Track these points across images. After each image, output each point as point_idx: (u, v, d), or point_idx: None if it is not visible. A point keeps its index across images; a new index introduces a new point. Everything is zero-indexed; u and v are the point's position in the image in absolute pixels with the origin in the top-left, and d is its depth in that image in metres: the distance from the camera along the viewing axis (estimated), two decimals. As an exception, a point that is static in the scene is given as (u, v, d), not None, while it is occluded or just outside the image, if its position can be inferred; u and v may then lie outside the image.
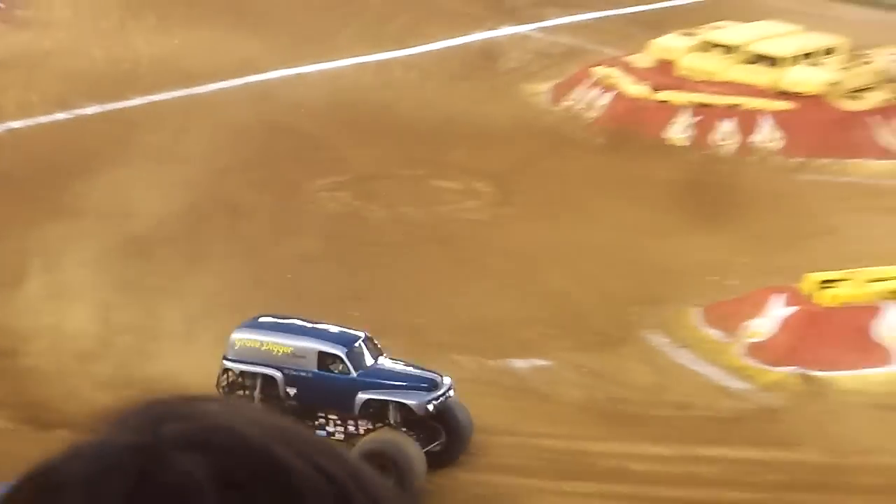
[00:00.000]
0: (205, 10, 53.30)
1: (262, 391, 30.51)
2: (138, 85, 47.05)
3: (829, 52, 47.41)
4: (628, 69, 48.01)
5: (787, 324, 34.44)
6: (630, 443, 30.83)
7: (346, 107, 46.47)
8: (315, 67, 49.33)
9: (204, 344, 32.84)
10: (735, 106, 46.02)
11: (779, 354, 33.92)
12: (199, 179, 40.85)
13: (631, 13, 54.18)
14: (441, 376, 30.28)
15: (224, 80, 47.65)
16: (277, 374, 30.55)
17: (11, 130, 44.32)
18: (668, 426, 31.55)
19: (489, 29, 53.33)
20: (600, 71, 48.37)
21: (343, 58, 50.02)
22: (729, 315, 35.36)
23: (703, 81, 46.94)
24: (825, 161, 44.75)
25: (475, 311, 35.24)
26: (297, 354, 30.61)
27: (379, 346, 31.19)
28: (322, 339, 30.82)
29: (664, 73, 47.37)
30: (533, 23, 54.14)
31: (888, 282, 34.92)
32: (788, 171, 44.45)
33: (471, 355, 33.54)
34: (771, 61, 46.78)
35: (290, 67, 48.95)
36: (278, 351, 30.58)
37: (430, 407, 29.44)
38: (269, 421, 2.15)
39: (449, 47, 52.09)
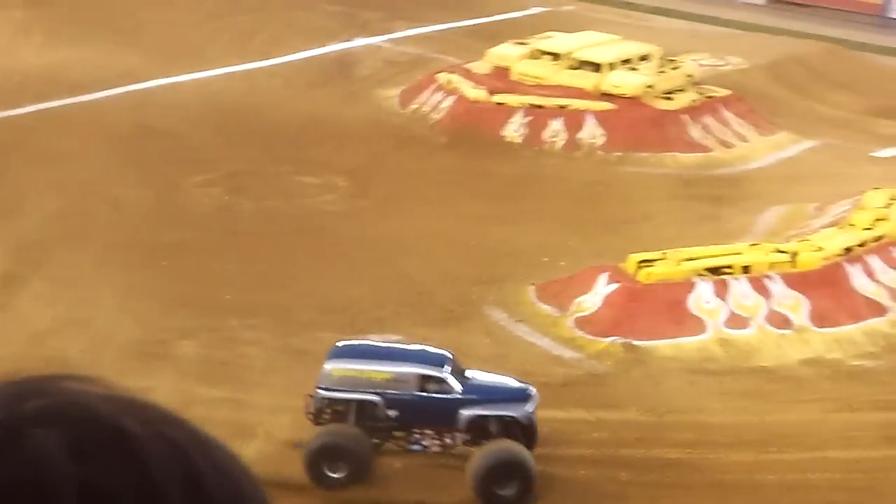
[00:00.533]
0: (88, 28, 52.99)
1: (357, 415, 29.33)
2: (28, 94, 47.06)
3: (644, 58, 48.79)
4: (468, 75, 48.85)
5: (611, 299, 35.35)
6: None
7: (216, 112, 46.88)
8: (188, 77, 49.57)
9: (94, 324, 33.72)
10: (563, 107, 47.06)
11: (604, 326, 34.79)
12: (85, 179, 41.25)
13: (469, 25, 54.98)
14: (528, 384, 29.87)
15: (106, 89, 47.71)
16: (377, 399, 29.46)
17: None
18: (505, 387, 32.27)
19: (344, 41, 54.00)
20: (443, 77, 49.23)
21: (213, 68, 50.46)
22: (560, 292, 36.18)
23: (534, 85, 47.83)
24: (642, 155, 46.03)
25: (335, 293, 35.79)
26: (398, 379, 29.48)
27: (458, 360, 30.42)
28: (421, 362, 29.83)
29: (500, 79, 48.25)
30: (383, 35, 54.87)
31: (699, 260, 35.89)
32: (610, 164, 45.54)
33: (332, 332, 33.21)
34: (593, 67, 47.86)
35: (165, 77, 49.14)
36: (378, 377, 29.48)
37: (533, 416, 29.14)
38: (120, 396, 2.20)
39: (308, 58, 52.56)
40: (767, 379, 33.76)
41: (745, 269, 36.22)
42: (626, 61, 48.60)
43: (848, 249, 37.27)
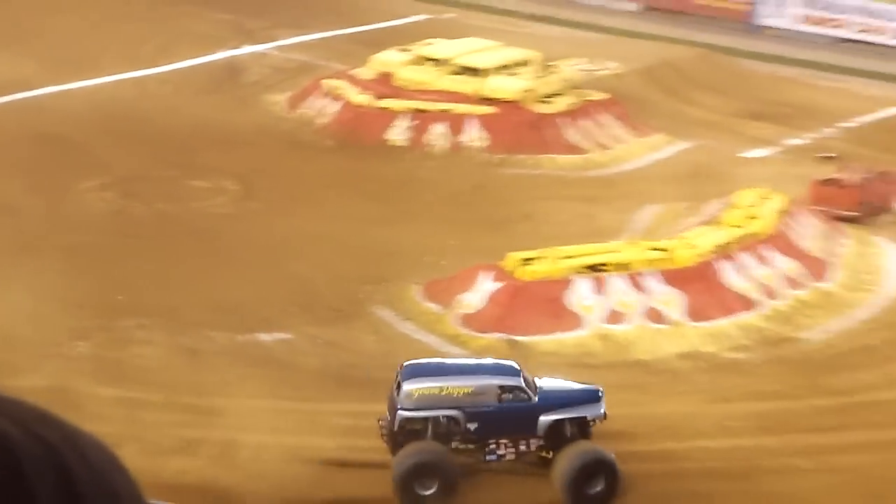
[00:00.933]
0: None
1: (434, 431, 28.74)
2: None
3: (523, 63, 48.95)
4: (353, 81, 48.88)
5: (493, 297, 35.40)
6: (360, 403, 31.02)
7: (108, 118, 46.52)
8: (81, 84, 49.17)
9: None
10: (445, 111, 47.14)
11: (487, 323, 34.92)
12: None
13: (354, 32, 55.00)
14: (597, 386, 29.72)
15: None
16: (458, 413, 28.94)
17: None
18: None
19: (232, 48, 53.93)
20: (329, 83, 49.24)
21: (105, 75, 50.10)
22: (444, 290, 36.21)
23: (417, 90, 47.87)
24: (522, 157, 46.12)
25: (225, 293, 35.64)
26: (478, 392, 29.01)
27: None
28: (497, 373, 29.58)
29: (384, 84, 48.23)
30: (269, 42, 54.88)
31: (577, 258, 36.01)
32: (491, 166, 45.65)
33: (222, 331, 33.87)
34: (474, 72, 48.03)
35: (58, 85, 48.79)
36: (459, 392, 29.00)
37: (605, 416, 29.01)
38: None
39: (197, 65, 52.40)
40: (645, 372, 34.04)
41: (623, 267, 36.37)
42: (505, 67, 48.82)
43: (720, 247, 37.60)
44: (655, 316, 35.69)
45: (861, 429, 31.57)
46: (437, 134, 47.02)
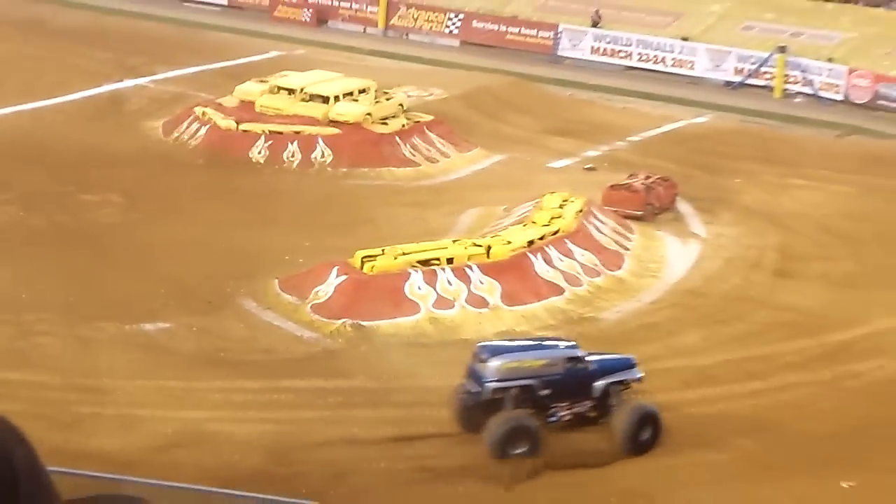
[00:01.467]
0: None
1: (515, 398, 29.27)
2: None
3: (363, 91, 48.93)
4: (219, 108, 48.66)
5: (341, 288, 35.42)
6: (230, 380, 31.28)
7: (9, 144, 45.89)
8: None
9: None
10: (298, 132, 47.15)
11: (336, 311, 34.83)
12: None
13: (219, 67, 54.61)
14: (630, 356, 31.14)
15: None
16: (534, 382, 29.61)
17: None
18: (258, 366, 32.25)
19: (115, 82, 53.18)
20: (199, 110, 48.92)
21: (5, 107, 49.47)
22: (300, 284, 36.16)
23: (274, 115, 47.75)
24: (364, 170, 46.35)
25: (113, 290, 35.40)
26: (550, 364, 29.88)
27: None
28: (564, 347, 30.77)
29: (246, 110, 48.14)
30: (147, 76, 54.22)
31: (412, 255, 36.19)
32: (337, 179, 45.77)
33: (111, 322, 33.58)
34: (322, 99, 48.02)
35: None
36: (536, 364, 29.70)
37: (641, 378, 30.46)
38: None
39: (86, 97, 51.72)
40: (469, 350, 32.98)
41: (449, 261, 36.49)
42: (348, 94, 48.74)
43: (531, 242, 37.84)
44: (477, 302, 35.88)
45: (648, 392, 31.37)
46: (291, 152, 46.90)
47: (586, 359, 30.42)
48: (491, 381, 29.33)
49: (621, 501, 27.41)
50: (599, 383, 30.30)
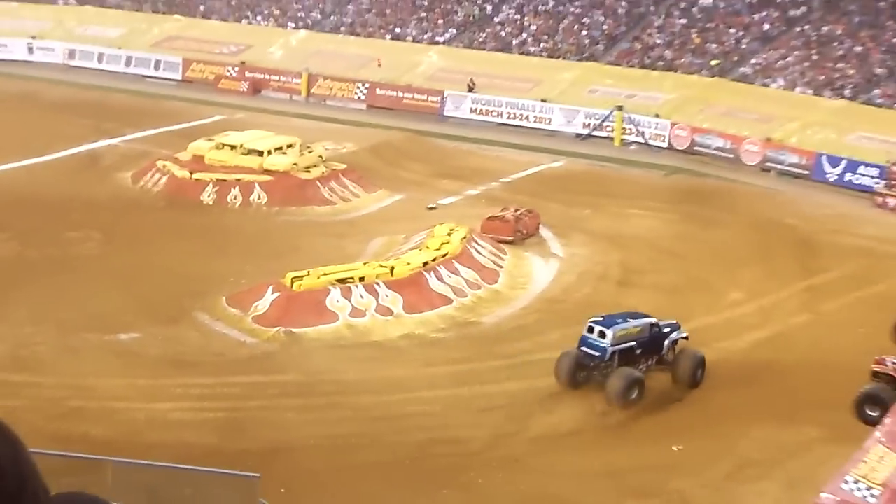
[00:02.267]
0: None
1: (621, 357, 31.86)
2: None
3: (290, 146, 48.67)
4: (176, 161, 48.28)
5: (275, 302, 35.34)
6: (189, 378, 31.23)
7: (8, 193, 45.51)
8: None
9: None
10: (239, 179, 46.82)
11: (272, 320, 34.76)
12: None
13: (176, 129, 53.82)
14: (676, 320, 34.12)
15: None
16: (634, 344, 32.25)
17: None
18: (211, 366, 32.18)
19: (92, 142, 52.64)
20: (160, 163, 48.54)
21: (4, 164, 49.02)
22: (242, 300, 35.99)
23: (220, 166, 47.40)
24: (292, 208, 46.09)
25: (94, 308, 35.20)
26: (643, 329, 32.56)
27: None
28: (644, 317, 33.19)
29: (197, 163, 47.73)
30: (118, 137, 53.66)
31: (331, 275, 36.04)
32: (271, 216, 45.52)
33: (95, 333, 33.47)
34: (258, 152, 47.71)
35: None
36: (635, 331, 32.31)
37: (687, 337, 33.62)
38: None
39: (69, 154, 51.18)
40: (379, 349, 34.18)
41: (361, 279, 36.42)
42: (278, 148, 48.47)
43: (426, 263, 37.89)
44: (384, 311, 35.84)
45: (520, 379, 32.12)
46: (234, 195, 46.57)
47: (659, 324, 33.24)
48: (610, 346, 31.71)
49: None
50: (668, 341, 33.16)
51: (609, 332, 31.83)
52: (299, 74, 64.86)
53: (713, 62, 62.23)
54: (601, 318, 32.50)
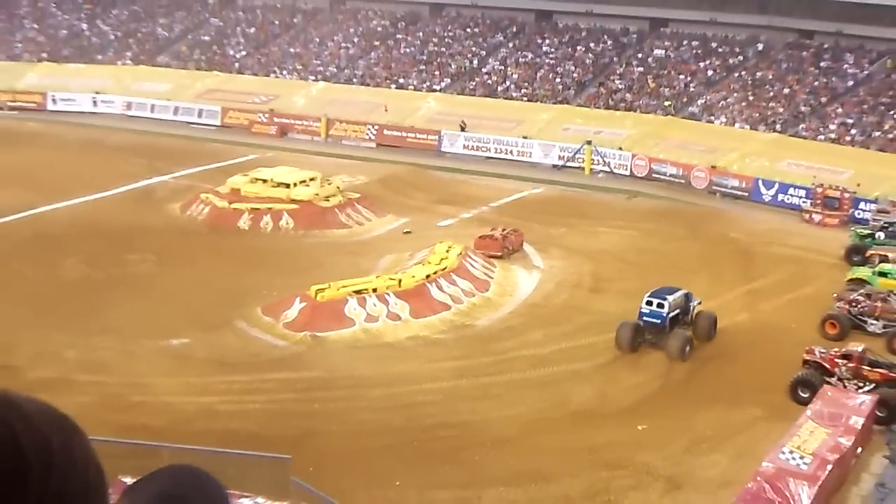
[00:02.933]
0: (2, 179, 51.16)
1: (672, 321, 33.91)
2: None
3: (312, 179, 48.57)
4: (217, 194, 48.13)
5: (302, 311, 35.28)
6: (231, 376, 31.20)
7: (79, 222, 45.41)
8: (62, 204, 47.82)
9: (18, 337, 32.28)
10: (270, 208, 46.65)
11: (299, 326, 34.72)
12: (7, 266, 40.00)
13: (216, 167, 53.74)
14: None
15: (14, 214, 46.01)
16: (679, 311, 34.40)
17: None
18: (249, 366, 32.13)
19: (147, 179, 52.63)
20: (204, 196, 48.36)
21: (76, 198, 48.78)
22: (274, 309, 35.87)
23: (254, 197, 47.31)
24: (315, 231, 45.86)
25: (149, 316, 35.18)
26: (682, 299, 34.64)
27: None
28: (678, 291, 34.94)
29: (235, 195, 47.59)
30: (168, 174, 53.52)
31: (349, 287, 35.98)
32: (297, 238, 45.29)
33: (151, 339, 33.40)
34: (286, 185, 47.62)
35: (50, 205, 47.40)
36: (679, 301, 34.46)
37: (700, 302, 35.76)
38: None
39: (128, 189, 51.13)
40: (390, 349, 34.13)
41: (374, 290, 36.37)
42: (302, 181, 48.33)
43: (428, 276, 37.86)
44: (394, 317, 35.81)
45: (509, 372, 32.23)
46: (266, 221, 46.43)
47: (689, 294, 35.19)
48: (667, 314, 33.56)
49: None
50: (690, 306, 34.99)
51: (666, 304, 33.68)
52: (319, 119, 64.97)
53: (666, 103, 62.40)
54: (658, 291, 34.58)
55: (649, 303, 33.98)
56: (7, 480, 1.49)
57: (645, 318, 33.98)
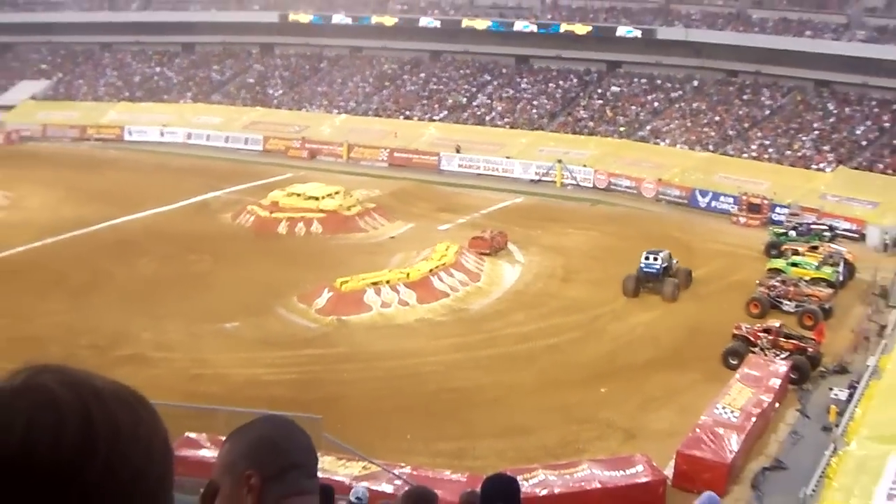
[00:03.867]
0: (85, 196, 50.80)
1: (662, 272, 36.30)
2: (61, 229, 44.65)
3: (337, 193, 48.30)
4: (260, 205, 47.78)
5: (330, 299, 35.27)
6: (273, 352, 31.18)
7: (151, 230, 45.17)
8: (137, 215, 47.63)
9: (99, 320, 32.17)
10: (303, 217, 46.37)
11: (328, 312, 34.73)
12: (93, 265, 39.61)
13: (260, 184, 53.36)
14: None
15: (97, 224, 45.74)
16: (668, 264, 37.07)
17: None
18: (288, 344, 32.03)
19: (204, 194, 52.33)
20: (250, 207, 48.06)
21: (148, 210, 48.51)
22: (307, 297, 35.81)
23: (290, 208, 47.01)
24: (339, 235, 45.46)
25: (208, 306, 35.10)
26: (668, 257, 36.94)
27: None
28: (664, 250, 37.17)
29: (275, 206, 47.29)
30: (222, 190, 53.15)
31: (367, 279, 36.09)
32: (325, 240, 44.90)
33: (209, 324, 33.39)
34: (315, 198, 47.47)
35: (126, 216, 47.23)
36: (667, 256, 36.93)
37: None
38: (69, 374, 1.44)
39: (190, 202, 50.92)
40: (400, 329, 34.09)
41: (387, 282, 36.42)
42: (329, 195, 48.14)
43: (431, 270, 37.84)
44: (403, 303, 35.77)
45: (497, 346, 32.27)
46: (300, 227, 46.17)
47: (670, 253, 36.96)
48: (661, 266, 36.04)
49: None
50: (672, 262, 36.85)
51: (660, 258, 36.16)
52: (341, 144, 64.80)
53: (621, 129, 62.40)
54: (652, 252, 36.86)
55: (647, 258, 36.34)
56: (79, 451, 1.38)
57: (645, 270, 36.27)
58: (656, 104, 64.34)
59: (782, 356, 30.40)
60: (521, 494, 5.11)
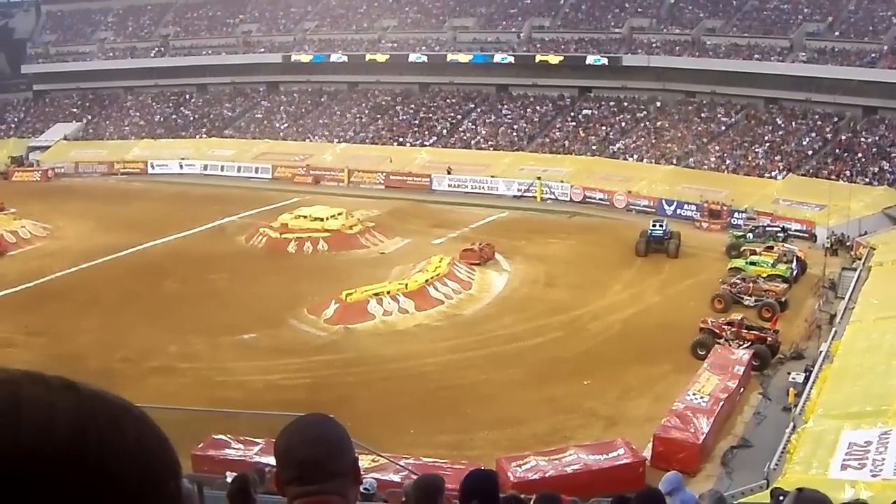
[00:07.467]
0: (112, 223, 50.42)
1: (668, 235, 41.64)
2: (92, 255, 44.41)
3: (340, 213, 48.31)
4: (271, 227, 47.65)
5: (337, 310, 35.17)
6: (287, 359, 31.12)
7: (173, 253, 44.97)
8: (160, 241, 47.27)
9: (122, 335, 32.15)
10: (310, 236, 46.21)
11: (335, 320, 34.68)
12: (121, 286, 39.32)
13: (270, 208, 53.12)
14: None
15: (124, 250, 45.38)
16: (668, 228, 42.32)
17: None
18: (300, 351, 32.02)
19: (220, 220, 52.04)
20: (262, 229, 47.92)
21: (170, 235, 48.22)
22: (316, 309, 35.74)
23: (298, 229, 46.80)
24: (344, 251, 45.28)
25: (227, 319, 34.93)
26: (666, 224, 42.55)
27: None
28: (664, 220, 43.18)
29: (284, 228, 47.13)
30: (235, 215, 52.82)
31: (370, 291, 36.05)
32: (330, 257, 44.77)
33: (228, 335, 33.25)
34: (321, 219, 47.38)
35: (149, 242, 46.85)
36: (667, 224, 42.78)
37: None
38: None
39: (207, 227, 50.68)
40: (400, 334, 34.03)
41: (388, 293, 36.34)
42: (333, 216, 48.09)
43: (427, 280, 37.82)
44: (403, 311, 35.70)
45: (489, 347, 32.23)
46: (307, 246, 45.94)
47: (667, 222, 41.09)
48: (667, 229, 40.93)
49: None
50: (669, 229, 41.27)
51: (664, 224, 41.34)
52: (342, 170, 64.68)
53: (593, 147, 62.54)
54: (658, 220, 42.39)
55: (654, 225, 41.64)
56: (66, 446, 1.08)
57: (653, 234, 41.15)
58: (624, 124, 64.53)
59: (745, 346, 30.47)
60: (498, 489, 4.52)
